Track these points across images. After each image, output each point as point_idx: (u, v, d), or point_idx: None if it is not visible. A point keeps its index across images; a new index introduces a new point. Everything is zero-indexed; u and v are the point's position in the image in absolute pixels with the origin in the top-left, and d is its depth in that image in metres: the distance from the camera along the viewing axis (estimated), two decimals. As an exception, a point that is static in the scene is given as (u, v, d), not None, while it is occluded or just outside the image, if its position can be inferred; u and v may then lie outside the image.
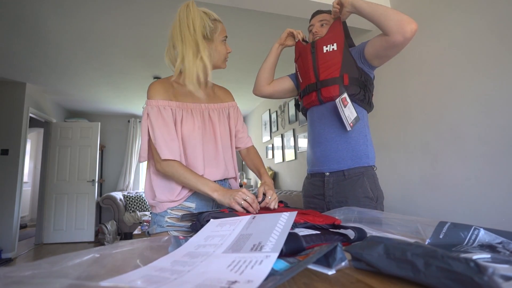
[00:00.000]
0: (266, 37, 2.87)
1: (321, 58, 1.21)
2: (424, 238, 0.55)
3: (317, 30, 1.28)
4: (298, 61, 1.34)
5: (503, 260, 0.39)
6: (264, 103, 5.06)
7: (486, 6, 1.52)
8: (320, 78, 1.20)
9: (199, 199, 1.01)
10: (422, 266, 0.34)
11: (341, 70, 1.17)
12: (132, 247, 0.46)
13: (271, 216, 0.52)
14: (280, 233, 0.44)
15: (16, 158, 3.80)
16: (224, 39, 1.02)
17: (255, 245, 0.41)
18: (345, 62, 1.17)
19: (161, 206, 0.98)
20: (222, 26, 1.01)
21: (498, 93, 1.47)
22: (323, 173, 1.22)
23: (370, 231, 0.65)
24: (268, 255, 0.36)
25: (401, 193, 2.07)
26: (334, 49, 1.19)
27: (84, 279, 0.32)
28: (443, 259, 0.33)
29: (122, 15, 2.44)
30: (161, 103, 0.95)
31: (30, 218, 6.49)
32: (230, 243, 0.45)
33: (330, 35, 1.22)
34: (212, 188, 0.89)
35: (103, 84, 4.12)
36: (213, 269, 0.36)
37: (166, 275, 0.35)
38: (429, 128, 1.86)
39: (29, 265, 0.32)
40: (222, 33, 1.01)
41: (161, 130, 0.92)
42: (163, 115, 0.94)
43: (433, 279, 0.33)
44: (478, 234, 0.48)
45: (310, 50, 1.25)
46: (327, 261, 0.43)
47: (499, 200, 1.44)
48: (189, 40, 0.92)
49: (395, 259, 0.38)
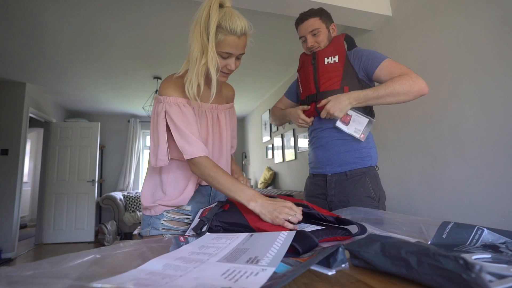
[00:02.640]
0: (266, 37, 2.87)
1: (322, 70, 1.21)
2: (427, 238, 0.55)
3: (313, 44, 1.23)
4: (300, 71, 1.34)
5: (504, 260, 0.39)
6: (264, 103, 5.06)
7: (486, 6, 1.52)
8: (320, 89, 1.21)
9: (195, 201, 1.00)
10: (415, 263, 0.35)
11: (341, 83, 1.17)
12: (133, 248, 0.46)
13: (269, 234, 0.51)
14: (278, 250, 0.42)
15: (16, 158, 3.80)
16: (226, 55, 0.87)
17: (251, 258, 0.40)
18: (346, 75, 1.17)
19: (157, 208, 0.96)
20: (229, 39, 0.84)
21: (498, 93, 1.47)
22: (325, 174, 1.23)
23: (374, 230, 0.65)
24: (264, 269, 0.35)
25: (401, 193, 2.07)
26: (336, 61, 1.19)
27: (84, 280, 0.32)
28: (434, 256, 0.34)
29: (122, 15, 2.44)
30: (180, 100, 0.89)
31: (30, 218, 6.48)
32: (225, 254, 0.44)
33: (331, 48, 1.22)
34: (249, 196, 0.74)
35: (103, 84, 4.11)
36: (207, 276, 0.35)
37: (157, 278, 0.34)
38: (429, 128, 1.86)
39: (31, 265, 0.32)
40: (224, 47, 0.85)
41: (188, 128, 0.85)
42: (185, 112, 0.87)
43: (426, 276, 0.34)
44: (481, 234, 0.48)
45: (311, 61, 1.26)
46: (327, 262, 0.43)
47: (499, 200, 1.44)
48: (197, 39, 0.83)
49: (390, 256, 0.39)
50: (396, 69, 1.10)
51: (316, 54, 1.24)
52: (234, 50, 0.87)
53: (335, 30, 1.28)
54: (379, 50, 2.29)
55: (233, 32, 0.83)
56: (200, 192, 1.02)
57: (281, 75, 4.01)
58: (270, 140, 4.73)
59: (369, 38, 2.44)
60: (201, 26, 0.81)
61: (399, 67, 1.10)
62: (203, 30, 0.81)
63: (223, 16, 0.82)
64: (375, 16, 2.19)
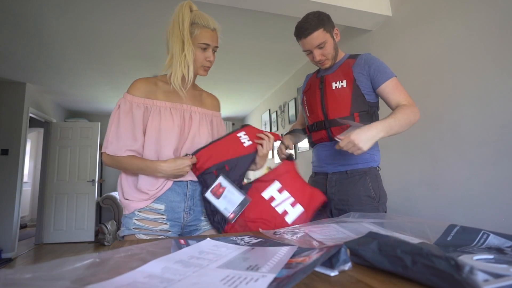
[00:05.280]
0: (266, 37, 2.87)
1: (330, 95, 1.17)
2: (432, 240, 0.55)
3: (320, 58, 1.17)
4: (307, 93, 1.30)
5: (506, 261, 0.39)
6: (264, 103, 5.06)
7: (486, 6, 1.52)
8: (329, 117, 1.17)
9: (169, 200, 0.97)
10: (410, 262, 0.36)
11: (351, 109, 1.14)
12: (133, 252, 0.46)
13: (270, 248, 0.52)
14: (278, 260, 0.42)
15: (16, 158, 3.80)
16: (204, 46, 1.00)
17: (251, 266, 0.40)
18: (354, 99, 1.14)
19: (128, 207, 0.96)
20: (204, 32, 0.98)
21: (498, 93, 1.47)
22: (327, 172, 1.23)
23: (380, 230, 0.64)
24: (264, 275, 0.35)
25: (401, 193, 2.07)
26: (344, 86, 1.15)
27: (82, 282, 0.32)
28: (427, 256, 0.34)
29: (122, 15, 2.44)
30: (136, 100, 0.97)
31: (30, 218, 6.49)
32: (225, 261, 0.44)
33: (340, 72, 1.18)
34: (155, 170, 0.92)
35: (103, 84, 4.11)
36: (206, 281, 0.34)
37: (155, 282, 0.34)
38: (429, 128, 1.86)
39: (30, 267, 0.32)
40: (201, 39, 0.98)
41: (125, 127, 0.94)
42: (134, 112, 0.96)
43: (420, 275, 0.35)
44: (487, 238, 0.49)
45: (319, 85, 1.22)
46: (330, 262, 0.43)
47: (499, 200, 1.44)
48: (177, 36, 0.95)
49: (387, 255, 0.40)
50: (401, 92, 1.12)
51: (324, 78, 1.21)
52: (210, 41, 1.00)
53: (338, 35, 1.23)
54: (379, 50, 2.31)
55: (207, 26, 0.99)
56: (175, 191, 0.99)
57: (281, 75, 4.01)
58: (270, 140, 4.72)
59: (369, 38, 2.44)
60: (179, 25, 0.96)
61: (403, 92, 1.13)
62: (181, 29, 0.95)
63: (195, 16, 0.98)
64: (375, 16, 2.19)
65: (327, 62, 1.19)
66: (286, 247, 0.50)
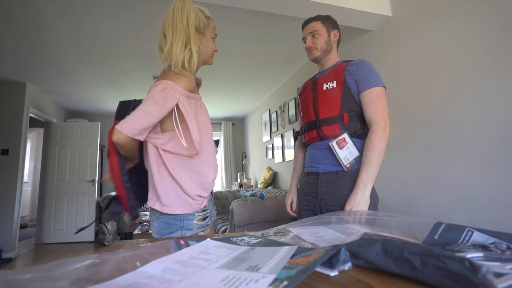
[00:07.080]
0: (266, 37, 2.87)
1: (321, 96, 1.23)
2: (420, 238, 0.55)
3: (310, 45, 1.28)
4: (301, 95, 1.37)
5: (495, 258, 0.40)
6: (264, 103, 5.06)
7: (486, 6, 1.52)
8: (320, 116, 1.22)
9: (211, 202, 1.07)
10: (419, 264, 0.36)
11: (340, 109, 1.18)
12: (133, 252, 0.46)
13: (270, 248, 0.52)
14: (279, 260, 0.43)
15: (16, 158, 3.81)
16: (214, 36, 1.06)
17: (252, 266, 0.40)
18: (344, 99, 1.18)
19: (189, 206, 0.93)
20: (214, 24, 1.05)
21: (498, 93, 1.47)
22: (318, 172, 1.24)
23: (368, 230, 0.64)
24: (264, 276, 0.35)
25: (401, 193, 2.07)
26: (334, 86, 1.20)
27: (82, 283, 0.32)
28: (439, 258, 0.34)
29: (122, 15, 2.44)
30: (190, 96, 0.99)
31: (30, 218, 6.49)
32: (225, 261, 0.44)
33: (331, 74, 1.24)
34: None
35: (103, 84, 4.12)
36: (206, 282, 0.35)
37: (155, 283, 0.34)
38: (429, 128, 1.86)
39: (30, 269, 0.32)
40: (213, 31, 1.05)
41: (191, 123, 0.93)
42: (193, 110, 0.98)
43: (430, 277, 0.35)
44: (471, 235, 0.49)
45: (311, 87, 1.29)
46: (330, 262, 0.43)
47: (499, 200, 1.44)
48: (180, 31, 0.94)
49: (393, 257, 0.39)
50: (378, 106, 1.15)
51: (316, 80, 1.28)
52: (216, 32, 1.07)
53: (337, 37, 1.30)
54: (379, 50, 2.31)
55: (211, 18, 1.04)
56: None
57: (281, 75, 4.01)
58: (270, 140, 4.73)
59: (369, 38, 2.44)
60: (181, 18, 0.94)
61: (381, 106, 1.15)
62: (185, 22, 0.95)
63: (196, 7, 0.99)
64: (375, 16, 2.19)
65: (316, 52, 1.28)
66: (286, 247, 0.50)
